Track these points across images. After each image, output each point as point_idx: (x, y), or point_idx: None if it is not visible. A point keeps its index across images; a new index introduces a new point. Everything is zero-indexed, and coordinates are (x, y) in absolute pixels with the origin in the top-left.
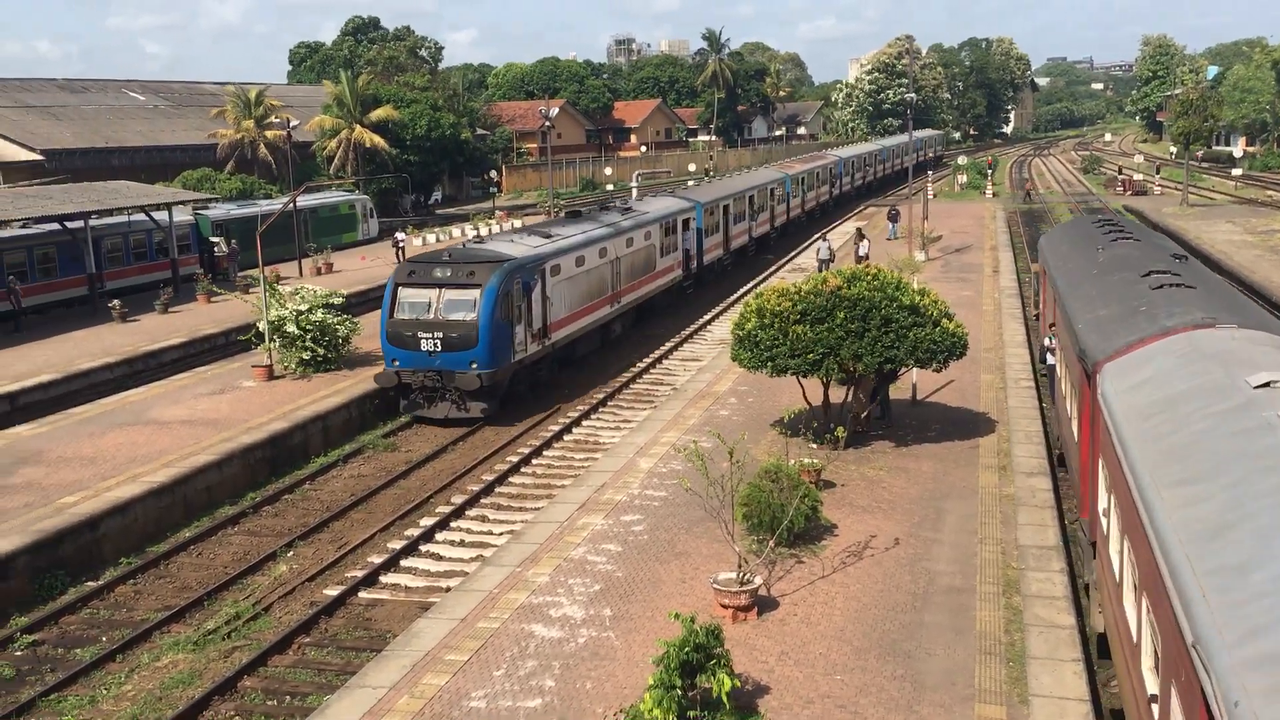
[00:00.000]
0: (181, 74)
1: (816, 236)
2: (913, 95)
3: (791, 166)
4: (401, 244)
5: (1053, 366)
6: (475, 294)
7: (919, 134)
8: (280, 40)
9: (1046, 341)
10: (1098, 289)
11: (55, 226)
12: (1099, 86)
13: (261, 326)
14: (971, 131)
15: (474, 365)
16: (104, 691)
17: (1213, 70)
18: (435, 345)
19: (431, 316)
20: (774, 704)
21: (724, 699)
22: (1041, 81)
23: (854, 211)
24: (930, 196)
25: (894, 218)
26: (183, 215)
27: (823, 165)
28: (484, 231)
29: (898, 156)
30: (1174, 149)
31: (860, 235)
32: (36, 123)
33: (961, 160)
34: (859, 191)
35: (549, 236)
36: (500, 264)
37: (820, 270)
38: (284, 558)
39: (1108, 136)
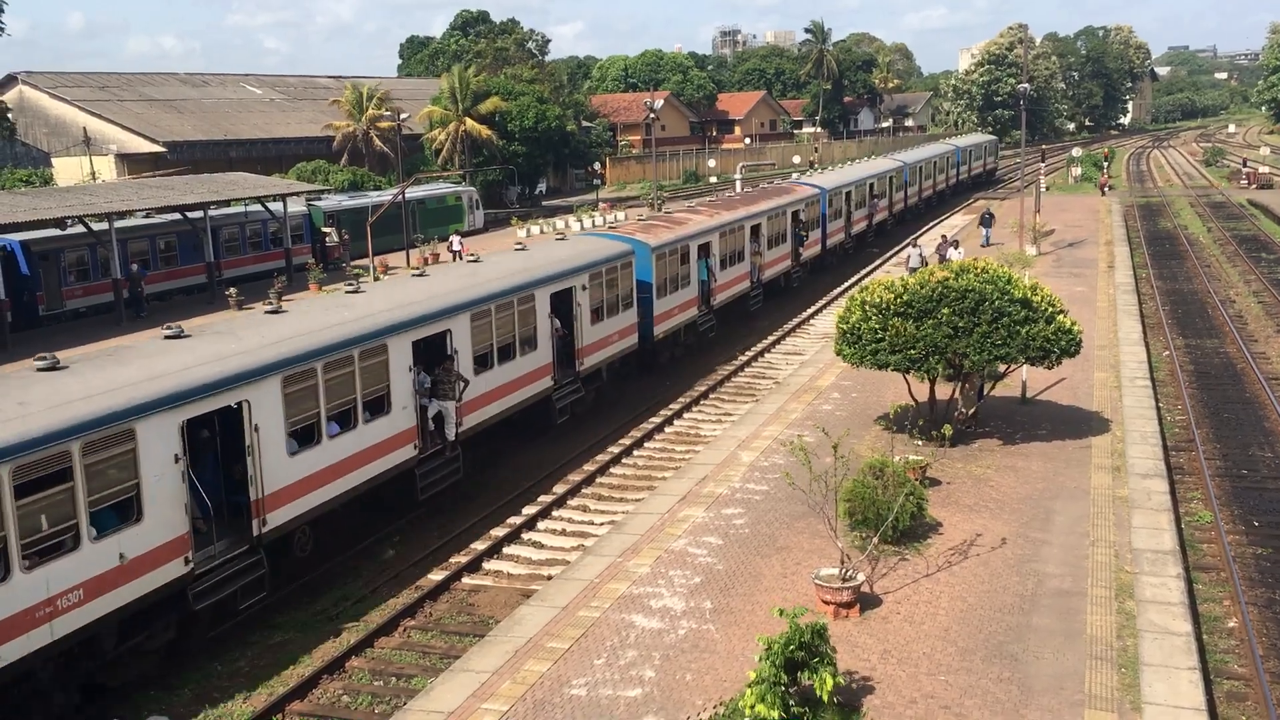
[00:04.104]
0: (297, 69)
1: (906, 243)
2: (1026, 86)
3: (714, 214)
4: (458, 249)
5: None
6: None
7: (963, 141)
8: (391, 36)
9: None
10: None
11: (176, 216)
12: (1223, 76)
13: None
14: (1087, 123)
15: None
16: (218, 667)
17: None
18: None
19: None
20: (876, 703)
21: (825, 696)
22: (1162, 71)
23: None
24: (1044, 189)
25: (987, 222)
26: (296, 206)
27: (783, 205)
28: (588, 224)
29: (931, 176)
30: None
31: (951, 243)
32: (159, 115)
33: (1076, 152)
34: (860, 241)
35: None
36: None
37: None
38: (391, 542)
39: (1231, 128)
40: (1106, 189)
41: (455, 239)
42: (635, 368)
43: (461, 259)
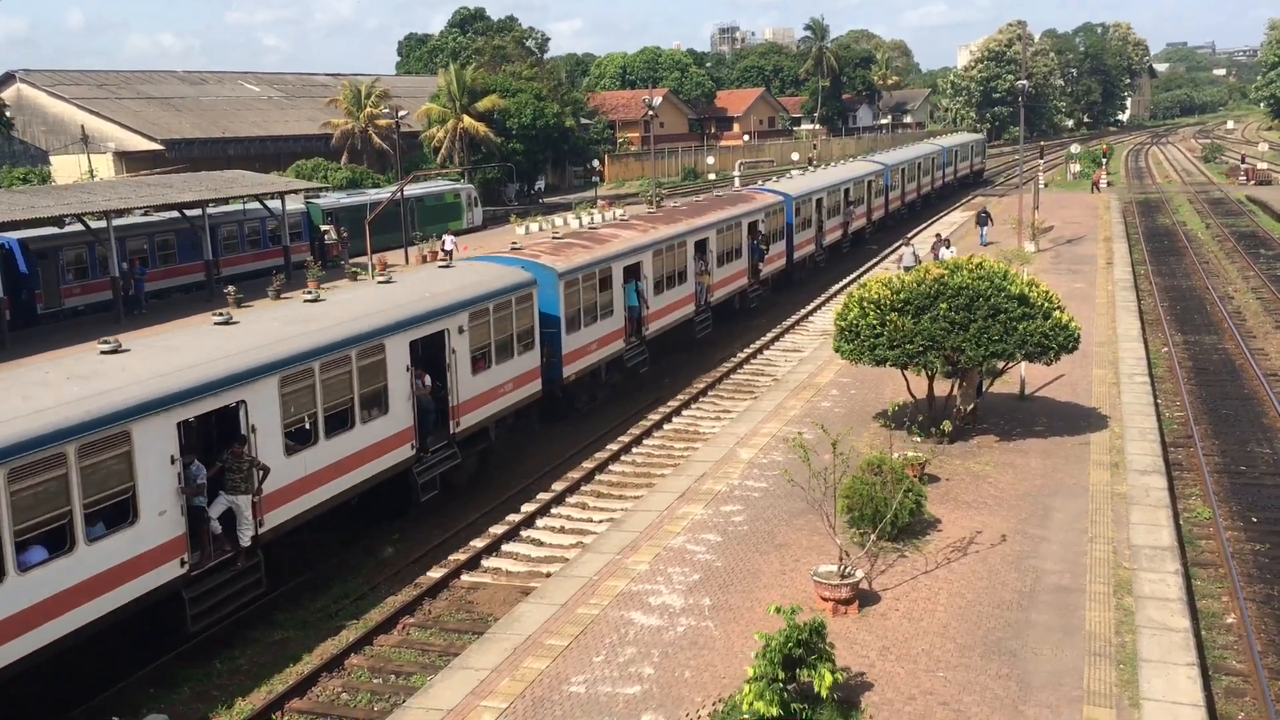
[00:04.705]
0: (297, 66)
1: (899, 242)
2: (1025, 83)
3: (648, 229)
4: (451, 249)
5: None
6: None
7: (949, 141)
8: (391, 33)
9: None
10: None
11: (175, 214)
12: (1221, 72)
13: None
14: (1085, 119)
15: None
16: (218, 664)
17: None
18: None
19: None
20: (875, 699)
21: (824, 692)
22: (1160, 67)
23: (951, 207)
24: (1042, 186)
25: (983, 221)
26: (295, 204)
27: (737, 216)
28: (586, 221)
29: (915, 178)
30: None
31: (943, 242)
32: (157, 113)
33: (1074, 149)
34: (834, 252)
35: None
36: None
37: None
38: (390, 540)
39: (1229, 124)
40: (1100, 186)
41: (448, 238)
42: (539, 418)
43: (452, 258)
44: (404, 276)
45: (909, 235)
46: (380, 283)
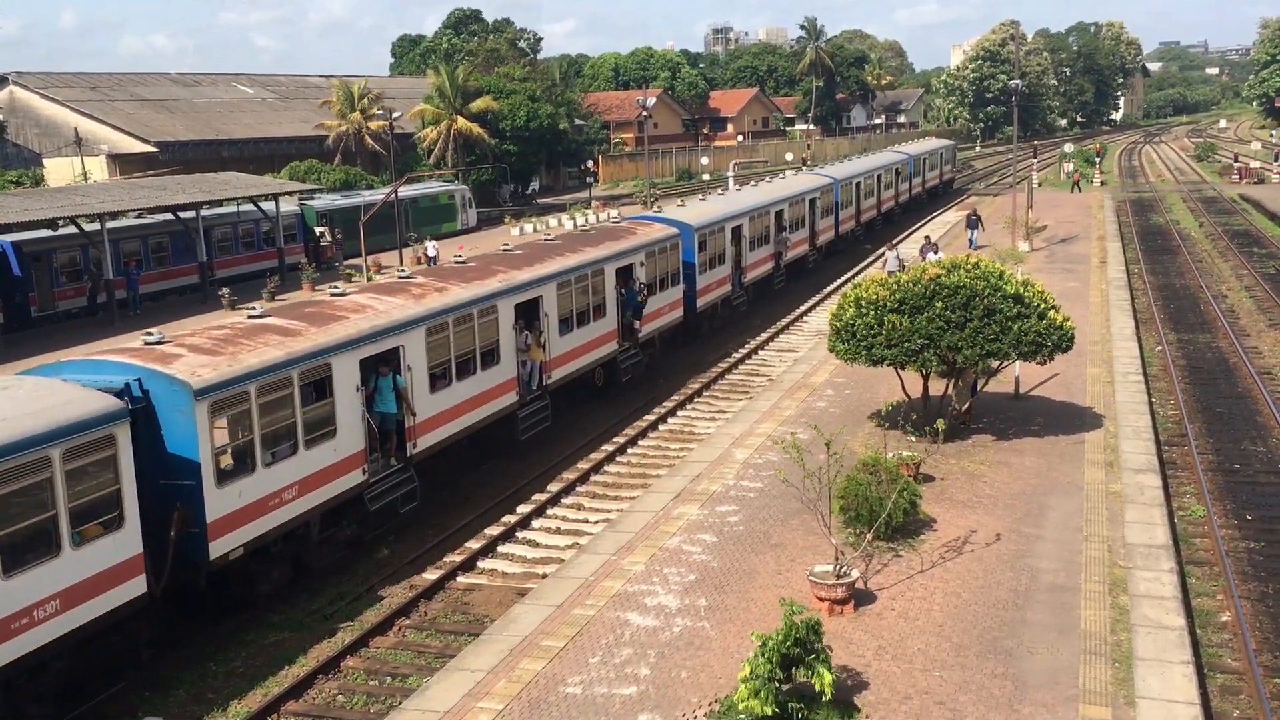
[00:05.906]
0: (290, 67)
1: (884, 247)
2: (1018, 82)
3: (427, 293)
4: (434, 254)
5: None
6: None
7: (915, 149)
8: (386, 34)
9: None
10: None
11: (169, 216)
12: (1214, 71)
13: None
14: (1079, 119)
15: None
16: (213, 667)
17: None
18: None
19: None
20: (871, 699)
21: (826, 690)
22: (1153, 67)
23: (933, 215)
24: (1035, 185)
25: (974, 224)
26: (289, 205)
27: (597, 260)
28: (580, 221)
29: (874, 193)
30: None
31: (932, 246)
32: (150, 116)
33: (1068, 148)
34: (764, 290)
35: None
36: None
37: None
38: (386, 542)
39: (1222, 123)
40: (1080, 186)
41: (430, 244)
42: (160, 630)
43: (436, 264)
44: None
45: (895, 240)
46: None
